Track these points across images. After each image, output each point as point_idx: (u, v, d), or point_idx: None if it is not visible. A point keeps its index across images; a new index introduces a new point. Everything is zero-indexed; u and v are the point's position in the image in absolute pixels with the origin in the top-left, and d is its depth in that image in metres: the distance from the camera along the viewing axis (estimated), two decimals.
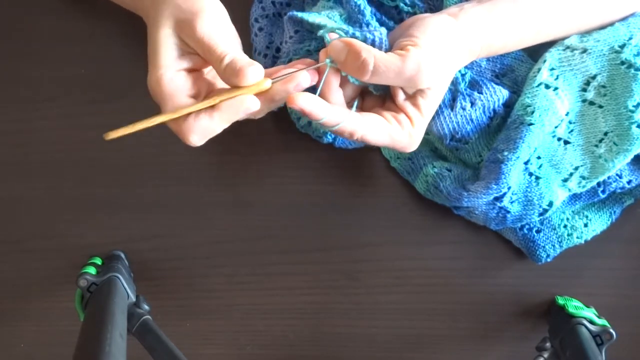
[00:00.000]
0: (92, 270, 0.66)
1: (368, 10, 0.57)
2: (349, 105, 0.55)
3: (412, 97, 0.53)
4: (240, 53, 0.51)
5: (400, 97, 0.53)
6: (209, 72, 0.55)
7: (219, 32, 0.51)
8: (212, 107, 0.50)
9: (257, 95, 0.50)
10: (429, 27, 0.52)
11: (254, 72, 0.49)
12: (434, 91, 0.53)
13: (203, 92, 0.53)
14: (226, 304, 0.73)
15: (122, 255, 0.71)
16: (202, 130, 0.51)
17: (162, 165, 0.70)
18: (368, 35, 0.52)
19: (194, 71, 0.53)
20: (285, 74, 0.51)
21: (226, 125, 0.51)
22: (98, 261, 0.69)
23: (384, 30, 0.53)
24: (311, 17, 0.58)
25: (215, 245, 0.71)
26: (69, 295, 0.68)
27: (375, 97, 0.56)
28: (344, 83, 0.54)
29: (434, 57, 0.50)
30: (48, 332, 0.74)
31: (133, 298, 0.66)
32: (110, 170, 0.71)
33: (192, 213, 0.71)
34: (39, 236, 0.72)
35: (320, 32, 0.54)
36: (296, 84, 0.50)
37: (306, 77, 0.51)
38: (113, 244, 0.72)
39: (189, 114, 0.50)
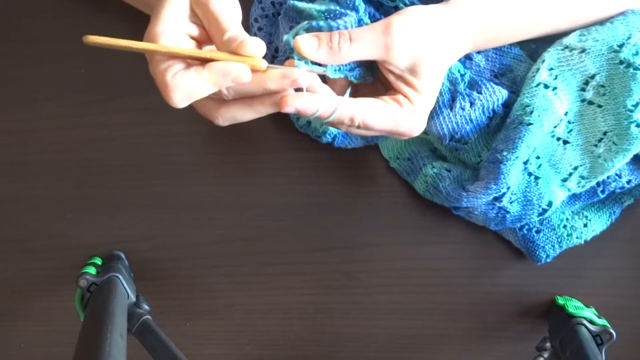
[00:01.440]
0: (92, 270, 0.66)
1: (362, 7, 0.57)
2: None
3: (403, 78, 0.52)
4: (244, 31, 0.50)
5: (392, 79, 0.53)
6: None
7: (230, 12, 0.50)
8: (202, 65, 0.48)
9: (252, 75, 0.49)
10: (408, 9, 0.53)
11: (255, 43, 0.48)
12: (427, 69, 0.52)
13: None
14: (226, 304, 0.73)
15: (122, 255, 0.71)
16: (187, 88, 0.48)
17: (162, 165, 0.70)
18: (333, 24, 0.52)
19: (196, 41, 0.52)
20: (282, 67, 0.51)
21: (212, 89, 0.49)
22: (98, 261, 0.69)
23: (352, 17, 0.53)
24: (302, 4, 0.58)
25: (215, 245, 0.71)
26: (69, 295, 0.68)
27: (369, 90, 0.56)
28: (331, 84, 0.54)
29: (406, 24, 0.51)
30: (48, 332, 0.74)
31: (133, 298, 0.66)
32: (110, 170, 0.71)
33: (192, 213, 0.71)
34: (39, 236, 0.72)
35: (286, 37, 0.54)
36: (293, 80, 0.49)
37: (304, 75, 0.49)
38: (113, 244, 0.72)
39: (178, 68, 0.48)
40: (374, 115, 0.51)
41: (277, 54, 0.65)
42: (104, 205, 0.71)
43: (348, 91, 0.55)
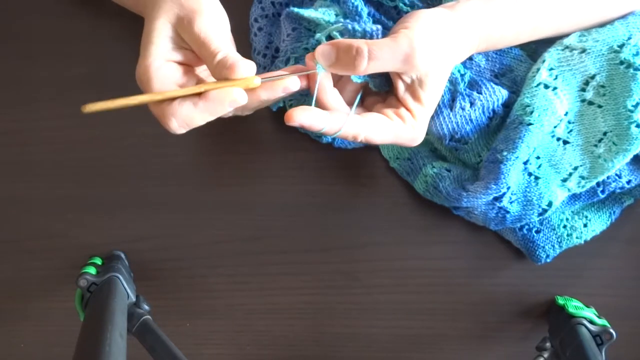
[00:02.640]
0: (92, 270, 0.66)
1: (365, 11, 0.57)
2: (350, 103, 0.55)
3: (411, 88, 0.53)
4: (234, 51, 0.50)
5: (401, 89, 0.53)
6: (200, 72, 0.55)
7: (216, 31, 0.51)
8: (199, 95, 0.49)
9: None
10: (422, 15, 0.52)
11: (245, 66, 0.49)
12: (433, 80, 0.52)
13: (191, 85, 0.53)
14: (226, 304, 0.73)
15: (122, 255, 0.71)
16: (184, 118, 0.50)
17: (162, 165, 0.70)
18: (367, 28, 0.52)
19: (185, 65, 0.53)
20: (275, 76, 0.51)
21: (209, 117, 0.50)
22: (98, 261, 0.69)
23: (379, 27, 0.53)
24: (307, 12, 0.58)
25: (215, 245, 0.71)
26: (69, 295, 0.68)
27: (376, 95, 0.56)
28: (344, 84, 0.54)
29: (426, 37, 0.50)
30: (48, 332, 0.74)
31: (133, 298, 0.66)
32: (111, 170, 0.71)
33: (192, 213, 0.71)
34: (39, 236, 0.72)
35: (318, 36, 0.54)
36: (284, 87, 0.50)
37: (295, 82, 0.51)
38: (113, 244, 0.72)
39: (173, 98, 0.50)
40: (376, 132, 0.52)
41: (278, 54, 0.65)
42: (104, 205, 0.71)
43: (356, 102, 0.55)
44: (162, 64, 0.51)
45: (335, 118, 0.51)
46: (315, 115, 0.50)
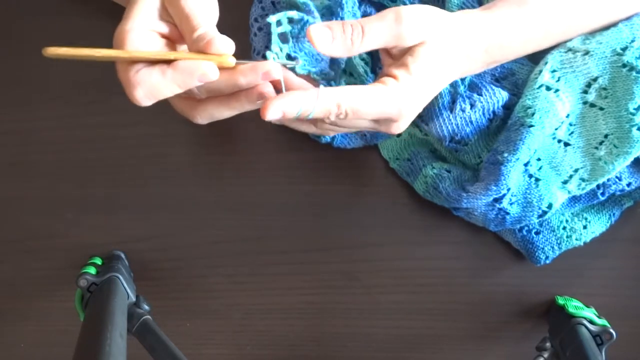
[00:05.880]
0: (92, 270, 0.66)
1: (349, 4, 0.56)
2: None
3: (398, 57, 0.51)
4: (215, 29, 0.48)
5: (387, 62, 0.52)
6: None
7: (202, 8, 0.49)
8: (168, 64, 0.47)
9: (221, 72, 0.47)
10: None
11: (222, 42, 0.47)
12: (427, 52, 0.50)
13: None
14: (226, 304, 0.73)
15: (122, 255, 0.71)
16: (150, 86, 0.47)
17: (162, 165, 0.70)
18: (305, 17, 0.53)
19: (168, 40, 0.51)
20: (252, 62, 0.49)
21: (177, 90, 0.47)
22: (98, 261, 0.69)
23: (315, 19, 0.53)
24: None
25: (215, 245, 0.71)
26: (69, 295, 0.68)
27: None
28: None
29: (415, 9, 0.50)
30: (48, 332, 0.74)
31: (133, 298, 0.66)
32: (110, 170, 0.71)
33: (192, 213, 0.71)
34: (39, 236, 0.72)
35: (267, 54, 0.53)
36: (264, 72, 0.48)
37: (277, 68, 0.48)
38: (113, 244, 0.72)
39: (142, 65, 0.47)
40: (359, 97, 0.49)
41: None
42: (104, 205, 0.71)
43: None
44: (143, 32, 0.49)
45: (307, 92, 0.48)
46: (288, 99, 0.47)
